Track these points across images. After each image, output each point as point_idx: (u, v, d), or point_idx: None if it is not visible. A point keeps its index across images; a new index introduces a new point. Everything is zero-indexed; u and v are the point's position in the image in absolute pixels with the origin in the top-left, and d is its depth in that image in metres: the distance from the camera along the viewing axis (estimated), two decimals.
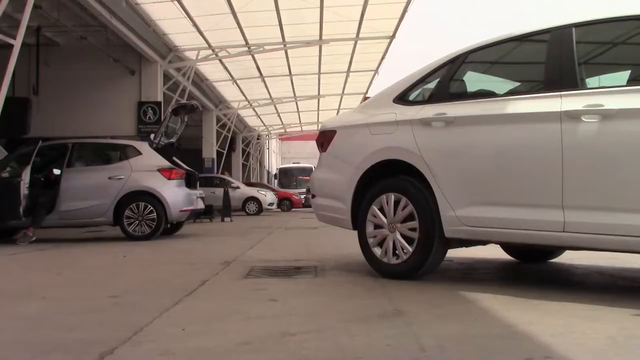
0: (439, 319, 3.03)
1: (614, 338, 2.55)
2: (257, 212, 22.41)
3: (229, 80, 23.27)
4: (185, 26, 16.09)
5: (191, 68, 19.09)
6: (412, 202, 4.25)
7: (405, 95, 4.64)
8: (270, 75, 22.84)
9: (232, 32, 16.89)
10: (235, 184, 23.13)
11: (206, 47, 18.27)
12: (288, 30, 17.42)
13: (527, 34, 4.19)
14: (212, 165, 25.60)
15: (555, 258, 5.44)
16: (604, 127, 3.41)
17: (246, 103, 28.05)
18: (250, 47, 18.65)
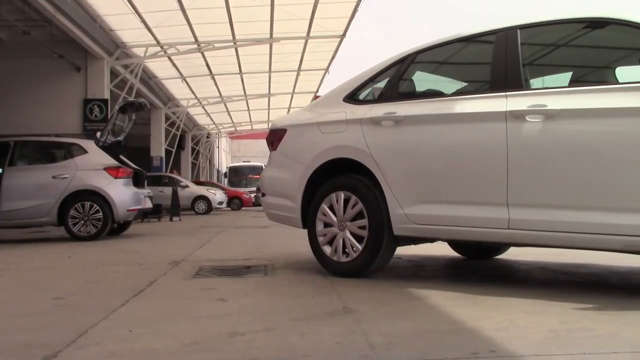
0: (387, 316, 3.06)
1: (556, 331, 2.62)
2: (206, 211, 22.20)
3: (178, 78, 22.99)
4: (133, 22, 15.82)
5: (139, 65, 18.77)
6: (362, 201, 4.27)
7: (355, 95, 4.67)
8: (220, 73, 22.66)
9: (182, 29, 16.68)
10: (184, 182, 22.85)
11: (155, 44, 18.00)
12: (238, 28, 17.32)
13: (474, 34, 4.27)
14: (160, 164, 25.25)
15: (501, 254, 5.57)
16: (547, 126, 3.50)
17: (196, 101, 27.76)
18: (200, 45, 18.46)
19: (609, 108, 3.33)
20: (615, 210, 3.26)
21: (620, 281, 4.18)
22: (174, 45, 18.44)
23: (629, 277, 4.35)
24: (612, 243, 3.31)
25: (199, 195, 22.47)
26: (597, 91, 3.53)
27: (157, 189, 17.68)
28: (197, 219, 17.88)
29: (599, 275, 4.44)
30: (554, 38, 4.19)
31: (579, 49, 4.22)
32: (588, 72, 4.42)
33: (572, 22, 3.88)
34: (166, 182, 21.34)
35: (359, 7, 16.11)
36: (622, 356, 2.24)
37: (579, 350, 2.31)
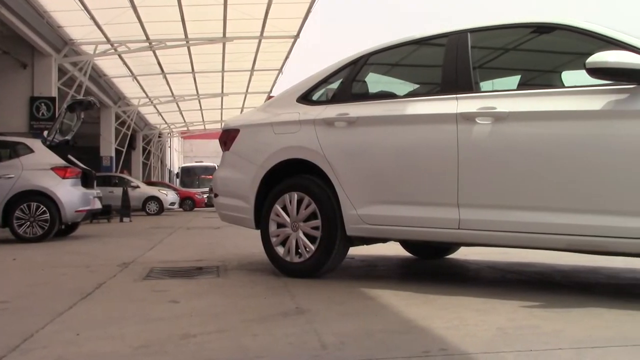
0: (340, 316, 3.07)
1: (504, 329, 2.68)
2: (158, 212, 21.88)
3: (128, 77, 22.60)
4: (82, 19, 15.47)
5: (88, 63, 18.38)
6: (315, 201, 4.28)
7: (309, 95, 4.68)
8: (172, 72, 22.37)
9: (133, 26, 16.41)
10: (134, 183, 22.48)
11: (105, 41, 17.65)
12: (191, 27, 17.13)
13: (426, 37, 4.33)
14: (110, 164, 24.77)
15: (451, 254, 5.66)
16: (496, 128, 3.58)
17: (147, 100, 27.34)
18: (152, 43, 18.20)
19: (555, 111, 3.42)
20: (560, 210, 3.35)
21: (564, 279, 4.30)
22: (125, 43, 18.12)
23: (573, 275, 4.48)
24: (557, 242, 3.40)
25: (150, 195, 22.15)
26: (544, 94, 3.62)
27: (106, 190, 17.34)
28: (148, 220, 17.61)
29: (544, 273, 4.56)
30: (503, 42, 4.28)
31: (527, 53, 4.32)
32: (536, 75, 4.53)
33: (520, 26, 3.98)
34: (116, 183, 20.95)
35: (313, 8, 16.15)
36: (567, 352, 2.30)
37: (526, 347, 2.37)
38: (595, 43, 3.41)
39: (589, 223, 3.25)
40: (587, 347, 2.36)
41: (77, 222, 9.89)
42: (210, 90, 26.57)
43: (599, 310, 3.06)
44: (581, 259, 4.95)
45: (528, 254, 5.24)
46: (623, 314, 2.96)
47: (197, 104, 29.78)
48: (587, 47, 3.42)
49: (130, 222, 15.67)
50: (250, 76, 23.99)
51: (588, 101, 3.33)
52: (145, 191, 22.33)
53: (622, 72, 3.13)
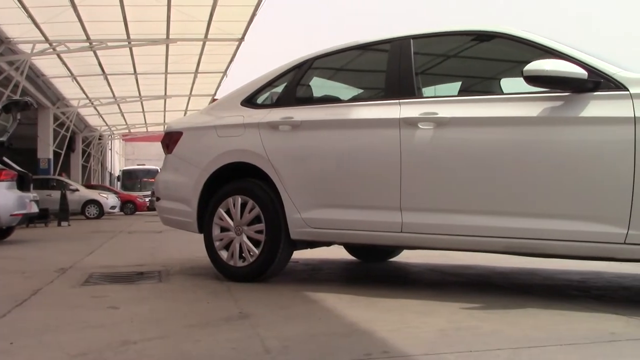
0: (284, 320, 3.07)
1: (445, 331, 2.73)
2: (98, 215, 21.37)
3: (68, 77, 22.00)
4: (18, 16, 14.97)
5: (25, 62, 17.80)
6: (259, 205, 4.27)
7: (253, 98, 4.66)
8: (113, 73, 21.89)
9: (72, 26, 15.99)
10: (73, 186, 21.87)
11: (43, 40, 17.14)
12: (133, 28, 16.82)
13: (370, 43, 4.38)
14: (48, 166, 24.02)
15: (394, 257, 5.73)
16: (438, 134, 3.64)
17: (87, 101, 26.66)
18: (92, 43, 17.77)
19: (495, 117, 3.50)
20: (498, 213, 3.43)
21: (503, 281, 4.41)
22: (64, 43, 17.64)
23: (511, 277, 4.59)
24: (496, 245, 3.49)
25: (89, 199, 21.61)
26: (484, 101, 3.71)
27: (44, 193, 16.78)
28: (88, 224, 17.16)
29: (483, 275, 4.66)
30: (445, 49, 4.36)
31: (468, 60, 4.42)
32: (476, 82, 4.64)
33: (461, 34, 4.07)
34: (54, 186, 20.29)
35: (258, 11, 16.10)
36: (505, 352, 2.36)
37: (466, 348, 2.42)
38: (533, 52, 3.51)
39: (527, 226, 3.34)
40: (524, 347, 2.42)
41: (12, 227, 9.55)
42: (153, 92, 26.12)
43: (536, 311, 3.15)
44: (519, 261, 5.09)
45: (468, 256, 5.36)
46: (558, 314, 3.06)
47: (139, 105, 29.23)
48: (525, 56, 3.52)
49: (68, 227, 15.24)
50: (194, 78, 23.70)
51: (526, 108, 3.43)
52: (85, 194, 21.78)
53: (557, 80, 3.23)
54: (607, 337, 2.55)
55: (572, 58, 3.33)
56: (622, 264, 3.83)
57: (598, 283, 4.18)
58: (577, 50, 3.42)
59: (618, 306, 3.23)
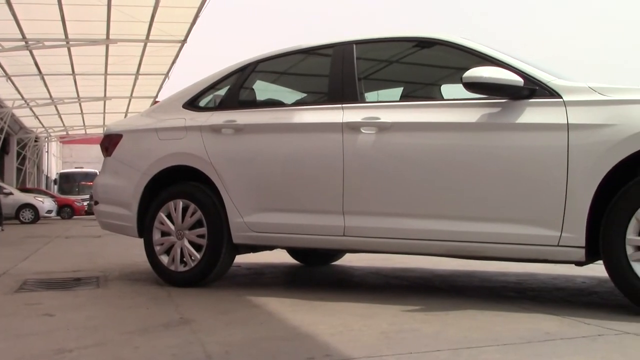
0: (225, 325, 3.04)
1: (386, 333, 2.76)
2: (33, 220, 20.69)
3: (2, 77, 21.22)
4: None
5: None
6: (201, 209, 4.22)
7: (196, 101, 4.61)
8: (50, 74, 21.25)
9: (7, 24, 15.44)
10: (7, 189, 21.13)
11: None
12: (72, 27, 16.37)
13: (313, 47, 4.39)
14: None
15: (337, 261, 5.76)
16: (380, 138, 3.69)
17: (22, 102, 25.79)
18: (28, 42, 17.20)
19: (435, 122, 3.57)
20: (439, 217, 3.50)
21: (443, 284, 4.49)
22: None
23: (451, 279, 4.68)
24: (436, 248, 3.55)
25: (24, 203, 20.90)
26: (425, 106, 3.78)
27: None
28: (23, 228, 16.58)
29: (424, 278, 4.74)
30: (387, 54, 4.42)
31: (410, 66, 4.49)
32: (417, 88, 4.71)
33: (403, 40, 4.13)
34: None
35: (201, 13, 15.93)
36: (444, 353, 2.40)
37: (406, 350, 2.44)
38: (472, 59, 3.60)
39: (466, 229, 3.41)
40: (463, 348, 2.47)
41: None
42: (92, 93, 25.47)
43: (474, 312, 3.21)
44: (458, 264, 5.19)
45: (410, 259, 5.43)
46: (495, 315, 3.13)
47: (77, 107, 28.47)
48: (465, 63, 3.60)
49: (2, 231, 14.68)
50: (135, 80, 23.25)
51: (465, 114, 3.51)
52: (19, 198, 21.06)
53: (495, 87, 3.32)
54: (542, 337, 2.63)
55: (509, 66, 3.43)
56: (555, 265, 3.95)
57: (533, 284, 4.30)
58: (514, 59, 3.52)
59: (552, 306, 3.34)
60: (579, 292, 3.97)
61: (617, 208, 3.02)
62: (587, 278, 4.44)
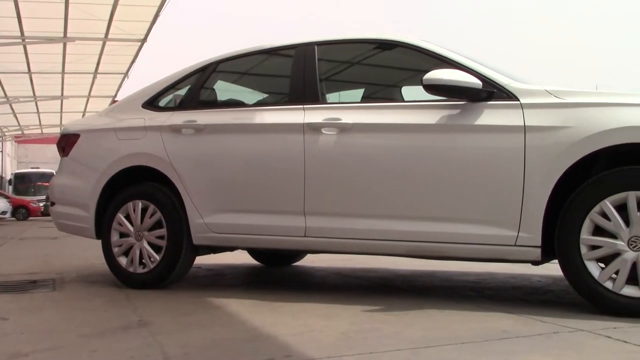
0: (185, 327, 3.01)
1: (347, 333, 2.77)
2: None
3: None
4: None
5: None
6: (161, 210, 4.17)
7: (155, 101, 4.56)
8: (5, 72, 20.72)
9: None
10: None
11: None
12: (28, 24, 15.99)
13: (275, 47, 4.39)
14: None
15: (298, 261, 5.75)
16: (341, 139, 3.70)
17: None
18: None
19: (395, 124, 3.60)
20: (400, 218, 3.53)
21: (403, 283, 4.53)
22: None
23: (411, 279, 4.72)
24: (397, 248, 3.58)
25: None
26: (385, 108, 3.81)
27: None
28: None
29: (385, 278, 4.77)
30: (348, 56, 4.44)
31: (371, 68, 4.52)
32: (378, 89, 4.75)
33: (364, 42, 4.15)
34: None
35: (162, 11, 15.74)
36: (404, 352, 2.42)
37: (367, 350, 2.46)
38: (432, 61, 3.64)
39: (426, 230, 3.45)
40: (422, 347, 2.49)
41: None
42: (48, 92, 24.94)
43: (434, 312, 3.25)
44: (419, 264, 5.24)
45: (371, 260, 5.46)
46: (454, 314, 3.17)
47: (33, 106, 27.85)
48: (425, 65, 3.64)
49: None
50: (93, 79, 22.84)
51: (425, 115, 3.54)
52: None
53: (454, 89, 3.37)
54: (499, 335, 2.67)
55: (468, 68, 3.48)
56: (513, 264, 4.02)
57: (492, 283, 4.37)
58: (473, 61, 3.57)
59: (509, 305, 3.39)
60: (535, 290, 4.05)
61: (571, 208, 3.09)
62: (543, 277, 4.53)
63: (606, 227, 3.02)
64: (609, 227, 3.01)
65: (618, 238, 2.99)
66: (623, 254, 2.97)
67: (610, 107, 3.14)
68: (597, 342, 2.53)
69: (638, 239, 2.95)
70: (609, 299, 3.01)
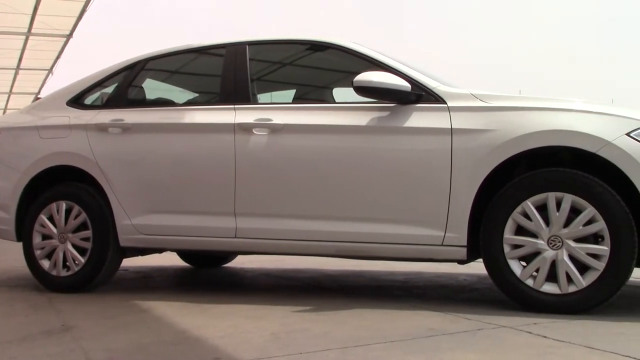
0: (110, 331, 2.93)
1: (277, 334, 2.76)
2: None
3: None
4: None
5: None
6: (86, 211, 4.05)
7: (81, 99, 4.42)
8: None
9: None
10: None
11: None
12: None
13: (205, 46, 4.34)
14: None
15: (228, 263, 5.70)
16: (272, 140, 3.69)
17: None
18: None
19: (326, 125, 3.62)
20: (329, 218, 3.55)
21: (333, 284, 4.56)
22: None
23: (341, 279, 4.76)
24: (327, 249, 3.61)
25: None
26: (317, 109, 3.83)
27: None
28: None
29: (315, 279, 4.79)
30: (280, 56, 4.43)
31: (303, 69, 4.53)
32: (310, 90, 4.77)
33: (296, 42, 4.16)
34: None
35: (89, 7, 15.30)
36: (334, 352, 2.44)
37: (297, 350, 2.46)
38: (363, 63, 3.68)
39: (355, 230, 3.49)
40: (351, 346, 2.52)
41: None
42: None
43: (363, 311, 3.29)
44: (348, 264, 5.29)
45: (301, 260, 5.48)
46: (383, 313, 3.22)
47: None
48: (356, 67, 3.67)
49: None
50: (15, 75, 21.95)
51: (355, 117, 3.58)
52: None
53: (383, 91, 3.42)
54: (426, 333, 2.73)
55: (397, 71, 3.54)
56: (440, 264, 4.12)
57: (419, 282, 4.46)
58: (402, 64, 3.63)
59: (436, 303, 3.47)
60: (461, 289, 4.16)
61: (495, 209, 3.20)
62: (468, 275, 4.66)
63: (528, 226, 3.14)
64: (530, 226, 3.13)
65: (539, 237, 3.11)
66: (543, 252, 3.09)
67: (531, 111, 3.26)
68: (518, 337, 2.63)
69: (557, 238, 3.08)
70: (530, 296, 3.12)
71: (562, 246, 3.06)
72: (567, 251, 3.05)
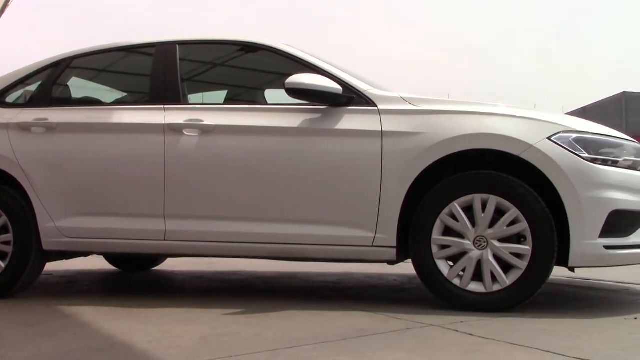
0: (33, 338, 2.83)
1: (207, 337, 2.73)
2: None
3: None
4: None
5: None
6: (6, 213, 3.89)
7: (2, 97, 4.24)
8: None
9: None
10: None
11: None
12: None
13: (134, 45, 4.25)
14: None
15: (158, 266, 5.60)
16: (203, 141, 3.65)
17: None
18: None
19: (258, 126, 3.61)
20: (261, 220, 3.54)
21: (265, 286, 4.56)
22: None
23: (272, 281, 4.76)
24: (259, 251, 3.60)
25: None
26: (248, 110, 3.83)
27: None
28: None
29: (246, 281, 4.77)
30: (212, 57, 4.39)
31: (234, 70, 4.50)
32: (242, 92, 4.74)
33: (227, 43, 4.13)
34: None
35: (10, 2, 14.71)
36: (264, 354, 2.43)
37: (226, 354, 2.44)
38: (294, 65, 3.69)
39: (287, 232, 3.49)
40: (282, 348, 2.52)
41: None
42: None
43: (294, 313, 3.29)
44: (280, 266, 5.29)
45: (233, 263, 5.43)
46: (314, 314, 3.23)
47: None
48: (288, 69, 3.68)
49: None
50: None
51: (287, 119, 3.59)
52: None
53: (315, 93, 3.44)
54: (357, 333, 2.76)
55: (329, 74, 3.57)
56: (371, 264, 4.17)
57: (350, 283, 4.51)
58: (334, 67, 3.67)
59: (367, 303, 3.52)
60: (391, 289, 4.23)
61: (424, 210, 3.27)
62: (398, 276, 4.73)
63: (455, 227, 3.22)
64: (457, 227, 3.21)
65: (465, 238, 3.20)
66: (469, 252, 3.19)
67: (458, 114, 3.36)
68: (445, 335, 2.69)
69: (483, 239, 3.17)
70: (457, 295, 3.21)
71: (487, 246, 3.17)
72: (492, 251, 3.16)
